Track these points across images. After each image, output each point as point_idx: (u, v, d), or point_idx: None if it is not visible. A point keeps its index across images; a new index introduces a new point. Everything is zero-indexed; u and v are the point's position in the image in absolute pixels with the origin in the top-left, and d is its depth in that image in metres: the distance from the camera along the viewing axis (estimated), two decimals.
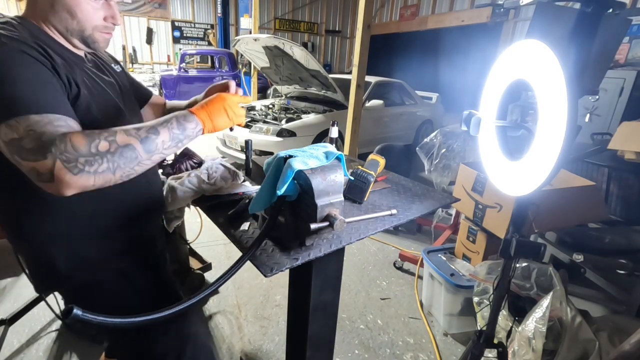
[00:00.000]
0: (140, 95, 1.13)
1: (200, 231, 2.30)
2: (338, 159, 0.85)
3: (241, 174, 1.26)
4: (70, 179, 0.61)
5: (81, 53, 0.85)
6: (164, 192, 1.12)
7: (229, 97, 0.84)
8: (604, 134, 2.85)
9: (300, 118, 4.30)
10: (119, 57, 9.77)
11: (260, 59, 4.62)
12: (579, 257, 1.74)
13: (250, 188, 1.17)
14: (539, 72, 0.82)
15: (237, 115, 0.86)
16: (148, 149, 0.70)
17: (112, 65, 1.00)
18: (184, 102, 1.18)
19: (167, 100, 1.23)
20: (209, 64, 8.05)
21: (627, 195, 2.36)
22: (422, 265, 2.39)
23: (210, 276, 2.29)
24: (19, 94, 0.62)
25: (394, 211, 1.05)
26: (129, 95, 0.99)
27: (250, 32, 6.79)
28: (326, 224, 0.80)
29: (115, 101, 0.88)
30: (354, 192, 1.12)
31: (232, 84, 0.96)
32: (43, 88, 0.66)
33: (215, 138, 4.66)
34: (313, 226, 0.78)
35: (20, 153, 0.61)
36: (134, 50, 10.45)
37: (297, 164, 0.76)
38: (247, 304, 2.15)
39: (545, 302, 1.45)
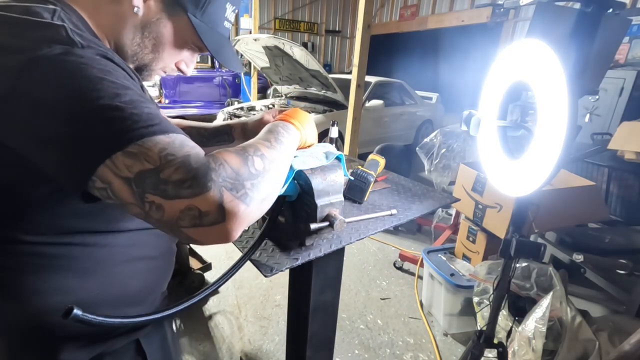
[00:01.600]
0: None
1: None
2: (338, 159, 0.84)
3: None
4: (244, 211, 0.46)
5: None
6: None
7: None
8: (604, 134, 2.84)
9: None
10: None
11: (260, 59, 4.62)
12: (579, 257, 1.74)
13: None
14: (539, 71, 0.82)
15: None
16: (285, 163, 0.58)
17: None
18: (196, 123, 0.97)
19: None
20: (209, 64, 8.03)
21: (627, 195, 2.36)
22: (422, 265, 2.39)
23: (210, 276, 2.29)
24: (130, 109, 0.45)
25: (394, 211, 1.05)
26: None
27: (250, 32, 6.79)
28: (326, 224, 0.79)
29: None
30: (354, 192, 1.12)
31: None
32: (148, 101, 0.49)
33: None
34: (313, 226, 0.78)
35: (161, 189, 0.43)
36: None
37: (297, 164, 0.76)
38: (247, 304, 2.15)
39: (545, 302, 1.45)
